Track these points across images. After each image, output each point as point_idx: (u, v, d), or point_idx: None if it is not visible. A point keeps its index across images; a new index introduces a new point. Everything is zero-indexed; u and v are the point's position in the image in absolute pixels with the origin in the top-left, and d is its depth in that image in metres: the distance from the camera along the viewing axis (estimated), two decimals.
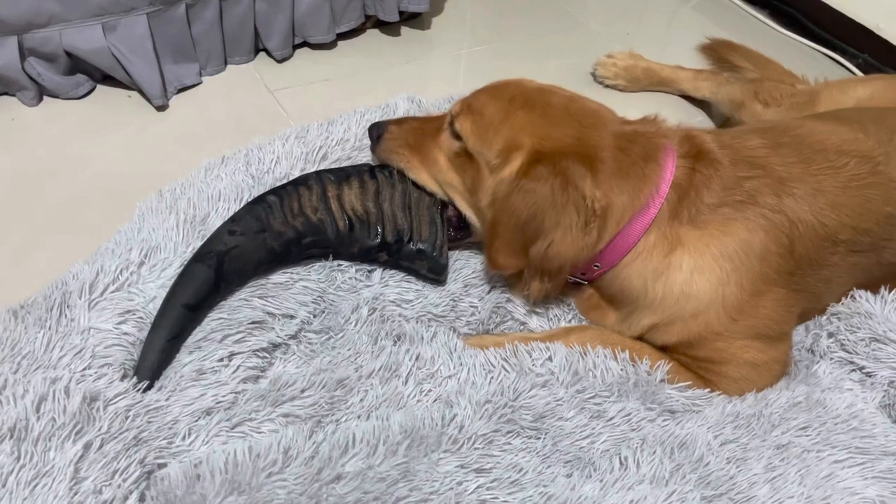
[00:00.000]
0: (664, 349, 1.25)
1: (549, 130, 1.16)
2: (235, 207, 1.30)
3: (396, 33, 2.18)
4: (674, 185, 1.15)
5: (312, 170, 1.37)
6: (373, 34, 2.17)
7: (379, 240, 1.28)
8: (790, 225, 1.16)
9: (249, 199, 1.31)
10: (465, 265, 1.34)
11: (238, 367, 1.17)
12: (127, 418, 1.03)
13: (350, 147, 1.43)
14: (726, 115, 1.94)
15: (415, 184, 1.32)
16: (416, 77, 2.05)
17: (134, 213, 1.33)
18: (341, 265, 1.32)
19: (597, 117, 1.20)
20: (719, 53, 2.13)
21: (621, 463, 1.03)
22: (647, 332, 1.23)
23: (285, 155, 1.38)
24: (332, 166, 1.39)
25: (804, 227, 1.16)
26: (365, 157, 1.43)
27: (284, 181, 1.35)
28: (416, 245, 1.29)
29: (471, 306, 1.31)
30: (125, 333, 1.12)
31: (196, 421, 1.08)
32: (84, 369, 1.07)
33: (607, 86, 2.09)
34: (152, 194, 1.35)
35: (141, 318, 1.14)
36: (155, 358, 1.10)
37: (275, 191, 1.27)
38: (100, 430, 1.00)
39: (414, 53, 2.14)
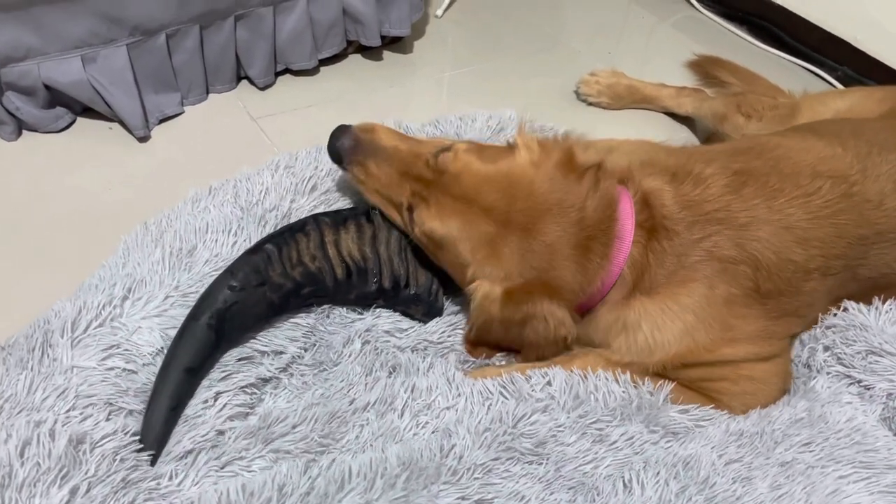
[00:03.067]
0: None
1: (530, 260, 1.14)
2: (224, 240, 1.27)
3: (379, 58, 2.17)
4: (629, 263, 1.16)
5: (302, 201, 1.35)
6: (355, 59, 2.16)
7: (376, 286, 1.26)
8: (753, 271, 1.17)
9: (237, 230, 1.29)
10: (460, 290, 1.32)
11: (224, 406, 1.13)
12: (114, 461, 1.00)
13: (338, 176, 1.40)
14: (711, 130, 1.95)
15: None
16: (400, 101, 2.04)
17: (119, 246, 1.30)
18: None
19: (566, 219, 1.15)
20: (706, 69, 2.14)
21: (625, 486, 1.01)
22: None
23: (274, 186, 1.35)
24: (322, 197, 1.37)
25: (769, 268, 1.17)
26: (356, 189, 1.40)
27: (274, 212, 1.32)
28: (413, 290, 1.27)
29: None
30: (110, 369, 1.08)
31: (181, 460, 1.04)
32: (68, 410, 1.03)
33: (590, 103, 2.09)
34: (137, 227, 1.32)
35: (127, 350, 1.11)
36: (160, 430, 1.07)
37: (272, 238, 1.23)
38: (86, 473, 0.97)
39: (397, 78, 2.14)
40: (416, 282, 1.28)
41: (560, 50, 2.38)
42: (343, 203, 1.37)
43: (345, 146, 1.26)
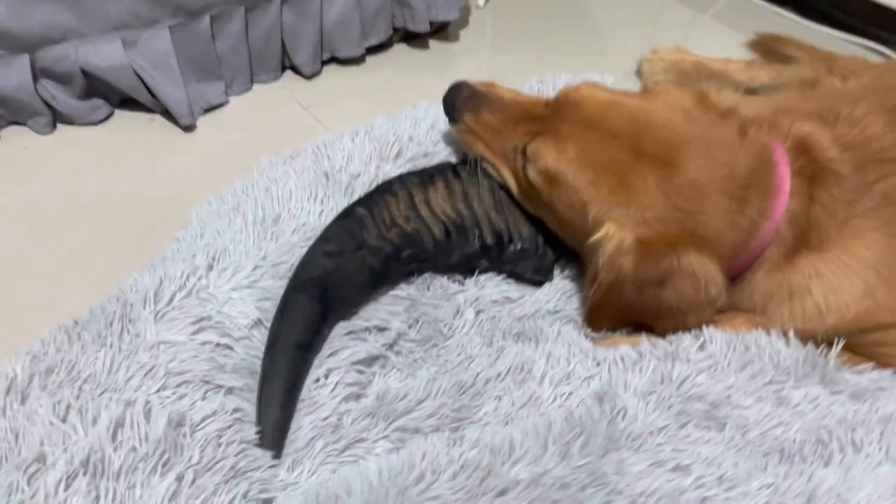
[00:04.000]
0: None
1: (673, 199, 0.97)
2: (310, 207, 1.12)
3: (424, 46, 2.06)
4: (788, 218, 1.00)
5: (388, 167, 1.21)
6: (400, 49, 2.04)
7: (479, 244, 1.12)
8: None
9: (323, 198, 1.14)
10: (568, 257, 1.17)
11: (336, 385, 0.97)
12: (219, 445, 0.83)
13: (425, 141, 1.26)
14: None
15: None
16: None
17: (191, 219, 1.14)
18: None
19: (715, 157, 0.99)
20: (769, 46, 2.04)
21: (854, 446, 0.85)
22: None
23: (356, 151, 1.21)
24: (409, 162, 1.23)
25: None
26: (442, 151, 1.26)
27: (360, 178, 1.18)
28: (518, 245, 1.12)
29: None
30: (203, 343, 0.92)
31: (303, 448, 0.88)
32: (158, 390, 0.87)
33: (655, 82, 1.96)
34: (210, 199, 1.17)
35: (219, 322, 0.95)
36: (278, 415, 0.91)
37: (361, 201, 1.12)
38: (190, 460, 0.80)
39: (444, 66, 2.02)
40: (520, 235, 1.13)
41: (598, 40, 2.27)
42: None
43: (462, 94, 1.17)
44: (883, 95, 1.13)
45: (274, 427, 0.89)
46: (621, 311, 1.05)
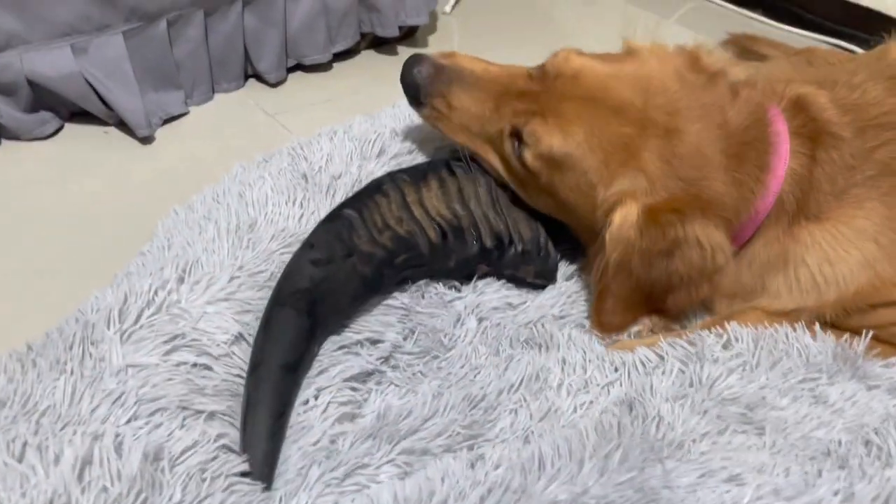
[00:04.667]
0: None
1: (677, 167, 0.93)
2: (288, 211, 1.02)
3: (393, 52, 1.97)
4: (790, 180, 0.96)
5: (371, 166, 1.11)
6: (368, 55, 1.96)
7: (477, 247, 1.03)
8: None
9: (302, 201, 1.04)
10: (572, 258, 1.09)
11: (328, 405, 0.87)
12: (203, 480, 0.72)
13: (408, 138, 1.17)
14: None
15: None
16: None
17: (156, 230, 1.03)
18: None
19: (710, 120, 0.95)
20: (742, 45, 2.01)
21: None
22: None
23: (336, 151, 1.11)
24: (392, 160, 1.14)
25: None
26: (428, 147, 1.18)
27: (342, 179, 1.09)
28: (519, 247, 1.04)
29: (587, 302, 1.05)
30: (178, 364, 0.81)
31: (294, 480, 0.77)
32: (130, 420, 0.75)
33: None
34: (176, 208, 1.06)
35: (195, 340, 0.84)
36: (265, 447, 0.80)
37: (349, 203, 1.01)
38: (171, 498, 0.68)
39: None
40: (521, 237, 1.05)
41: (563, 45, 2.22)
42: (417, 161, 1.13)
43: (423, 75, 1.04)
44: (880, 67, 1.09)
45: (262, 461, 0.78)
46: (631, 292, 0.97)
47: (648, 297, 0.98)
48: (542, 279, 1.06)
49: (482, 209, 1.04)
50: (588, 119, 0.92)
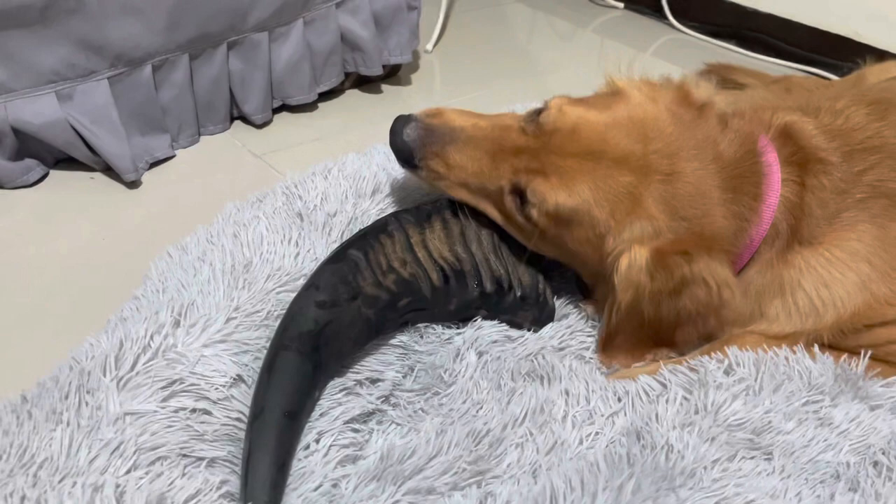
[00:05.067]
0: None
1: (678, 209, 0.94)
2: (284, 250, 1.02)
3: (377, 91, 1.99)
4: (783, 208, 0.98)
5: (366, 204, 1.11)
6: (353, 94, 1.98)
7: (478, 291, 1.02)
8: None
9: (298, 239, 1.04)
10: (570, 287, 1.09)
11: (329, 449, 0.85)
12: None
13: (400, 176, 1.18)
14: None
15: None
16: None
17: (149, 273, 1.02)
18: None
19: (704, 157, 0.96)
20: (720, 74, 2.04)
21: None
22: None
23: (331, 189, 1.11)
24: (386, 198, 1.14)
25: None
26: (421, 185, 1.18)
27: (338, 217, 1.08)
28: (518, 292, 1.03)
29: (588, 335, 1.05)
30: (177, 410, 0.79)
31: None
32: (130, 470, 0.73)
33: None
34: (170, 249, 1.05)
35: (193, 385, 0.82)
36: (269, 496, 0.78)
37: (353, 243, 0.99)
38: None
39: (399, 110, 1.94)
40: (520, 282, 1.04)
41: (543, 80, 2.25)
42: (412, 199, 1.13)
43: (413, 137, 1.01)
44: (860, 92, 1.12)
45: None
46: (639, 331, 0.98)
47: (657, 332, 0.98)
48: (538, 325, 1.05)
49: (483, 252, 1.03)
50: (591, 173, 0.93)
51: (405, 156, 1.03)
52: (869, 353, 0.97)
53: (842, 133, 1.02)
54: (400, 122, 1.03)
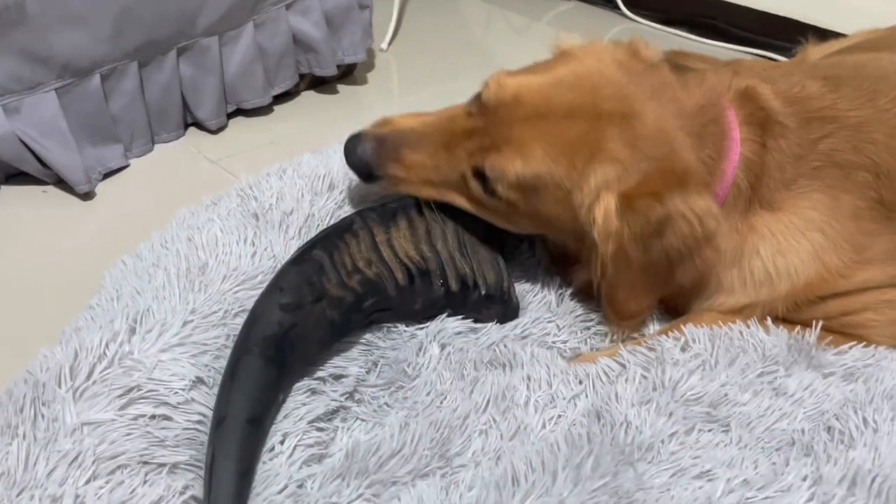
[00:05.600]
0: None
1: (643, 148, 0.93)
2: (240, 251, 1.01)
3: (333, 91, 1.99)
4: (743, 166, 0.98)
5: (322, 201, 1.11)
6: (308, 96, 1.97)
7: (443, 290, 1.02)
8: (874, 178, 1.01)
9: (254, 239, 1.03)
10: (530, 277, 1.10)
11: (294, 449, 0.85)
12: None
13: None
14: None
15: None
16: None
17: (104, 283, 1.00)
18: None
19: (663, 100, 0.96)
20: (673, 62, 2.06)
21: (869, 425, 0.79)
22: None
23: (287, 188, 1.11)
24: (341, 195, 1.13)
25: (890, 175, 1.02)
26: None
27: (294, 216, 1.08)
28: (483, 290, 1.03)
29: (548, 322, 1.06)
30: (136, 417, 0.79)
31: None
32: (89, 480, 0.73)
33: None
34: (123, 258, 1.04)
35: (151, 391, 0.82)
36: None
37: (317, 243, 0.98)
38: None
39: (354, 110, 1.95)
40: (485, 280, 1.04)
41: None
42: (374, 197, 1.13)
43: (368, 151, 1.01)
44: (809, 68, 1.14)
45: None
46: (637, 278, 0.96)
47: (656, 278, 0.96)
48: (504, 321, 1.05)
49: (449, 251, 1.03)
50: (541, 134, 0.92)
51: (364, 171, 1.03)
52: (820, 323, 0.99)
53: (798, 100, 1.03)
54: (352, 141, 1.03)
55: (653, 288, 0.97)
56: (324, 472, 0.83)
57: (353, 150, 1.02)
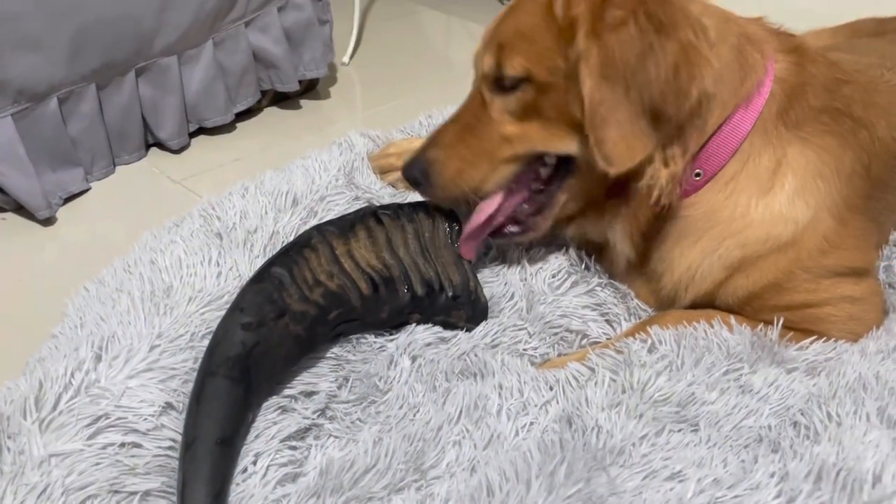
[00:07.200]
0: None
1: None
2: (205, 271, 1.01)
3: (296, 107, 1.98)
4: (778, 81, 0.98)
5: (286, 218, 1.11)
6: (271, 112, 1.96)
7: (409, 295, 1.02)
8: (871, 142, 1.04)
9: (218, 259, 1.03)
10: (500, 284, 1.11)
11: (267, 470, 0.85)
12: None
13: (319, 187, 1.18)
14: None
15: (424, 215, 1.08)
16: (325, 146, 1.85)
17: (67, 310, 0.99)
18: None
19: None
20: None
21: (832, 419, 0.81)
22: (728, 278, 1.02)
23: (250, 206, 1.10)
24: (304, 210, 1.13)
25: (880, 144, 1.06)
26: (340, 197, 1.18)
27: (258, 233, 1.07)
28: (450, 293, 1.04)
29: (519, 329, 1.06)
30: (105, 446, 0.78)
31: None
32: None
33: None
34: (87, 284, 1.02)
35: (120, 418, 0.81)
36: None
37: (277, 260, 0.98)
38: None
39: (317, 124, 1.95)
40: (451, 282, 1.05)
41: (465, 87, 2.28)
42: (333, 211, 1.13)
43: (412, 170, 1.07)
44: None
45: None
46: (626, 105, 0.90)
47: (646, 109, 0.90)
48: (473, 323, 1.06)
49: (411, 256, 1.04)
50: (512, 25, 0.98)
51: (416, 179, 1.08)
52: (782, 319, 1.01)
53: (825, 54, 1.07)
54: (406, 172, 1.09)
55: (644, 124, 0.90)
56: (298, 492, 0.82)
57: (409, 167, 1.07)
